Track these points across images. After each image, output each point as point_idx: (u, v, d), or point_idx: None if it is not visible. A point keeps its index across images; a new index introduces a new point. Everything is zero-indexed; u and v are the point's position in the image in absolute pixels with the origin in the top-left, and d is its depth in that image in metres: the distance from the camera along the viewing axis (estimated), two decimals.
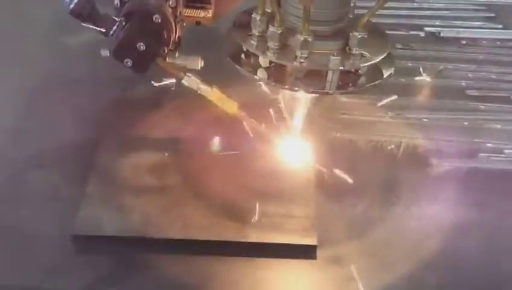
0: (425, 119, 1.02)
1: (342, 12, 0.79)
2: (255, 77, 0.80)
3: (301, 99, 0.86)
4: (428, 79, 1.09)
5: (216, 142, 0.92)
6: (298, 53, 0.77)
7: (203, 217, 0.84)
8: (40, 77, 1.08)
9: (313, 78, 0.79)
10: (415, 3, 1.27)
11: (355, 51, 0.78)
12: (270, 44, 0.78)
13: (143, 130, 0.96)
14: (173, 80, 0.87)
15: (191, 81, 0.85)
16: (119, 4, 0.84)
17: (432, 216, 0.87)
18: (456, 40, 1.19)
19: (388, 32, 1.16)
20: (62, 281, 0.79)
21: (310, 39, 0.76)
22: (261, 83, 0.87)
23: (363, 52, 0.79)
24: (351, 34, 0.78)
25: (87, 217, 0.83)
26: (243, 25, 0.82)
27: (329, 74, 0.78)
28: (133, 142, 0.94)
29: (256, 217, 0.83)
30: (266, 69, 0.80)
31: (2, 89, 1.06)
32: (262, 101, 0.92)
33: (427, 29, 1.21)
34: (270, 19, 0.79)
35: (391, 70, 0.83)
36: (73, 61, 1.12)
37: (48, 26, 1.18)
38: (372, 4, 0.78)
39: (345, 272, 0.80)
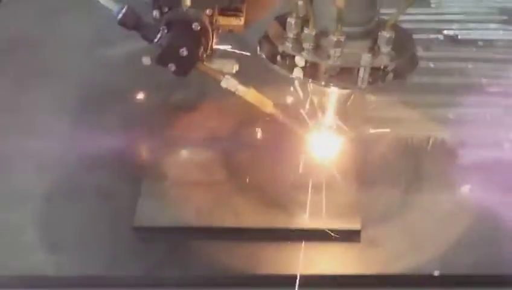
0: (450, 115, 1.09)
1: (370, 14, 0.85)
2: (292, 75, 0.86)
3: (332, 97, 0.91)
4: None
5: None
6: (331, 52, 0.83)
7: (252, 207, 0.91)
8: (83, 87, 1.15)
9: (345, 75, 0.85)
10: (432, 8, 1.35)
11: (383, 49, 0.84)
12: (305, 45, 0.84)
13: (187, 130, 1.03)
14: None
15: (229, 82, 0.91)
16: (157, 15, 0.92)
17: (463, 201, 0.94)
18: (473, 42, 1.26)
19: None
20: (125, 268, 0.86)
21: (342, 39, 0.82)
22: (296, 81, 0.92)
23: (391, 51, 0.85)
24: (379, 33, 0.84)
25: (145, 211, 0.90)
26: (278, 29, 0.88)
27: (361, 70, 0.83)
28: (180, 142, 1.00)
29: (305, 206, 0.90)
30: (302, 68, 0.86)
31: (51, 99, 1.12)
32: (296, 101, 0.97)
33: (445, 32, 1.28)
34: (303, 22, 0.85)
35: (415, 67, 0.88)
36: (113, 71, 1.19)
37: (88, 39, 1.26)
38: (391, 11, 0.84)
39: (388, 253, 0.87)
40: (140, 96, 1.11)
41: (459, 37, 1.27)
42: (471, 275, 0.85)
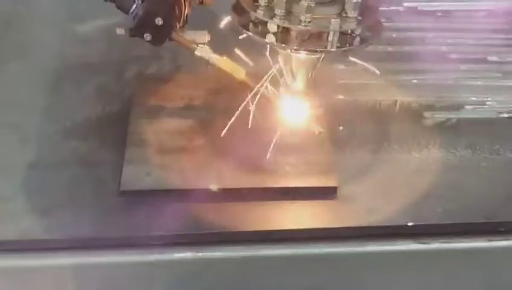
0: (414, 80, 1.15)
1: None
2: (265, 40, 0.90)
3: (303, 63, 0.96)
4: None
5: None
6: (303, 17, 0.87)
7: (233, 169, 0.95)
8: (59, 61, 1.17)
9: (315, 40, 0.90)
10: None
11: (350, 14, 0.89)
12: (277, 11, 0.88)
13: (164, 99, 1.06)
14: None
15: (203, 51, 0.96)
16: None
17: (431, 158, 0.99)
18: (432, 13, 1.32)
19: None
20: (112, 229, 0.89)
21: (312, 4, 0.86)
22: (268, 50, 0.95)
23: (357, 16, 0.90)
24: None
25: (130, 175, 0.93)
26: None
27: (330, 35, 0.89)
28: (159, 110, 1.04)
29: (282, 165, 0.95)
30: (274, 34, 0.90)
31: (28, 73, 1.14)
32: (267, 68, 1.00)
33: (405, 4, 1.33)
34: None
35: (381, 33, 0.94)
36: (88, 45, 1.21)
37: (60, 15, 1.27)
38: None
39: (363, 206, 0.92)
40: (115, 67, 1.14)
41: (419, 8, 1.33)
42: (441, 224, 0.91)
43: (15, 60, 1.17)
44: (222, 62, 0.96)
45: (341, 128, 1.04)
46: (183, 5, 0.96)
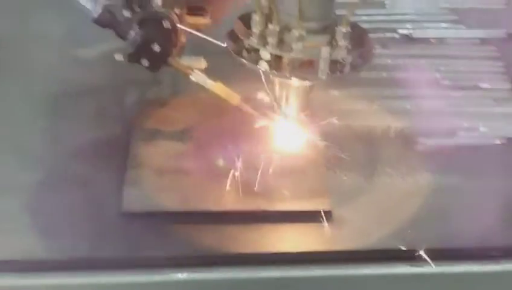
0: (408, 106, 1.17)
1: (328, 10, 0.94)
2: (258, 67, 0.93)
3: (296, 90, 0.99)
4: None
5: None
6: (294, 46, 0.91)
7: (232, 192, 0.97)
8: (61, 84, 1.19)
9: (306, 68, 0.93)
10: (387, 9, 1.43)
11: (341, 43, 0.93)
12: (269, 40, 0.92)
13: (164, 122, 1.08)
14: None
15: (198, 77, 0.99)
16: (129, 14, 0.98)
17: (423, 183, 1.02)
18: (426, 40, 1.35)
19: None
20: (111, 250, 0.91)
21: (304, 33, 0.90)
22: (263, 76, 0.98)
23: (348, 44, 0.93)
24: (336, 28, 0.93)
25: (132, 197, 0.95)
26: (243, 26, 0.95)
27: (321, 63, 0.92)
28: (159, 133, 1.06)
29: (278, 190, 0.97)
30: (266, 61, 0.93)
31: (29, 96, 1.16)
32: (261, 95, 1.03)
33: (400, 31, 1.37)
34: (266, 18, 0.92)
35: (371, 60, 0.98)
36: (88, 70, 1.23)
37: (61, 39, 1.30)
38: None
39: (356, 230, 0.94)
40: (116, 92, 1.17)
41: (413, 35, 1.36)
42: (434, 248, 0.93)
43: (16, 82, 1.19)
44: (216, 87, 0.99)
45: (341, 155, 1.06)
46: (180, 32, 0.99)
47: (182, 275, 0.89)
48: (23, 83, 1.19)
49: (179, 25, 0.97)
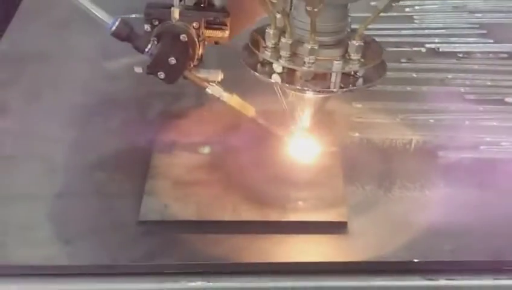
0: (431, 120, 1.17)
1: (341, 25, 0.94)
2: (270, 80, 0.95)
3: (311, 103, 1.00)
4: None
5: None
6: (306, 59, 0.92)
7: (247, 202, 0.98)
8: (89, 96, 1.23)
9: (319, 81, 0.94)
10: (415, 24, 1.44)
11: (353, 56, 0.93)
12: (282, 53, 0.93)
13: (186, 135, 1.11)
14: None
15: (214, 90, 1.00)
16: (149, 28, 1.00)
17: (442, 196, 1.02)
18: (453, 54, 1.35)
19: (393, 49, 1.35)
20: (129, 257, 0.93)
21: (316, 47, 0.91)
22: (279, 89, 1.00)
23: (361, 58, 0.94)
24: (349, 42, 0.93)
25: (149, 206, 0.98)
26: (258, 40, 0.97)
27: (333, 76, 0.93)
28: (180, 145, 1.08)
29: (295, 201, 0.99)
30: (279, 74, 0.95)
31: (60, 107, 1.20)
32: (277, 107, 1.04)
33: (427, 45, 1.37)
34: (281, 32, 0.94)
35: (384, 74, 0.98)
36: (117, 82, 1.27)
37: (92, 52, 1.34)
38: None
39: (372, 242, 0.95)
40: (141, 103, 1.20)
41: (440, 49, 1.36)
42: (448, 261, 0.93)
43: (48, 94, 1.23)
44: (232, 100, 1.00)
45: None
46: (197, 45, 1.00)
47: (195, 284, 0.91)
48: (56, 95, 1.23)
49: (196, 39, 0.99)
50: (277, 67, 0.94)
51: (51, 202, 1.01)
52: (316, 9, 0.86)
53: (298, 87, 0.93)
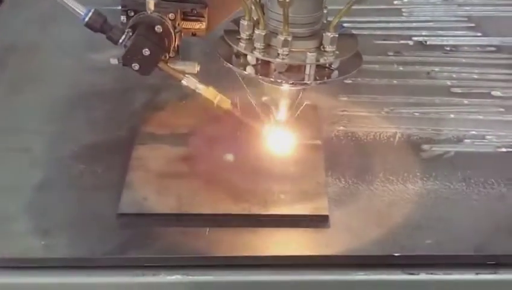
0: (416, 114, 1.16)
1: (316, 16, 0.93)
2: (244, 72, 0.94)
3: (284, 94, 0.98)
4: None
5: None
6: (280, 51, 0.91)
7: (226, 197, 0.97)
8: (73, 89, 1.22)
9: (294, 73, 0.93)
10: (403, 16, 1.43)
11: (328, 48, 0.92)
12: (256, 45, 0.92)
13: (169, 127, 1.10)
14: None
15: (189, 81, 0.98)
16: (125, 20, 0.99)
17: (425, 190, 1.01)
18: (440, 47, 1.34)
19: (380, 42, 1.35)
20: (108, 250, 0.92)
21: (289, 39, 0.90)
22: (249, 77, 0.97)
23: (335, 50, 0.93)
24: (324, 34, 0.92)
25: (129, 199, 0.97)
26: (233, 31, 0.96)
27: (307, 68, 0.92)
28: (162, 138, 1.07)
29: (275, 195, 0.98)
30: (253, 66, 0.94)
31: (42, 99, 1.19)
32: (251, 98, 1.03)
33: (414, 38, 1.36)
34: (255, 24, 0.93)
35: (359, 67, 0.96)
36: (101, 74, 1.26)
37: (78, 44, 1.33)
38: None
39: (353, 235, 0.94)
40: (126, 95, 1.19)
41: (428, 42, 1.35)
42: (429, 255, 0.92)
43: (31, 87, 1.22)
44: (208, 92, 0.98)
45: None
46: (173, 36, 0.99)
47: (174, 277, 0.90)
48: (38, 87, 1.22)
49: (172, 30, 0.97)
50: (251, 59, 0.93)
51: (30, 194, 1.00)
52: (287, 0, 0.85)
53: (272, 79, 0.93)
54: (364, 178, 1.02)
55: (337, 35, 0.91)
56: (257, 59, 0.93)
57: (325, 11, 0.94)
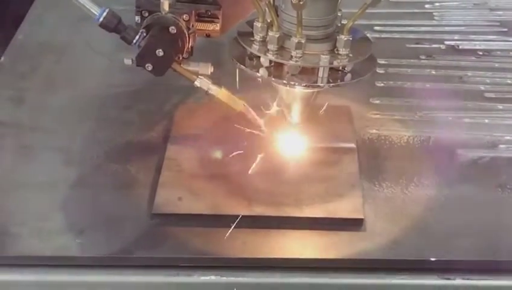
0: (450, 118, 1.16)
1: (330, 19, 0.93)
2: (257, 74, 0.94)
3: (298, 97, 0.98)
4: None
5: None
6: (293, 53, 0.90)
7: (263, 197, 0.97)
8: (107, 89, 1.23)
9: (307, 75, 0.93)
10: (435, 20, 1.42)
11: (342, 51, 0.92)
12: (270, 47, 0.92)
13: (202, 127, 1.10)
14: None
15: (202, 83, 0.98)
16: (139, 20, 0.99)
17: (460, 195, 1.00)
18: (473, 52, 1.33)
19: (412, 46, 1.34)
20: (142, 250, 0.92)
21: (303, 41, 0.90)
22: (261, 79, 0.97)
23: (349, 53, 0.92)
24: (337, 37, 0.92)
25: (163, 199, 0.97)
26: (246, 33, 0.96)
27: (320, 70, 0.92)
28: (196, 138, 1.07)
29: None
30: (267, 68, 0.94)
31: (75, 97, 1.20)
32: (265, 100, 1.03)
33: (446, 42, 1.35)
34: (269, 26, 0.93)
35: (373, 70, 0.96)
36: (134, 74, 1.25)
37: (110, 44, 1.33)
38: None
39: (389, 239, 0.93)
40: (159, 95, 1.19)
41: (460, 46, 1.34)
42: (466, 260, 0.91)
43: (65, 86, 1.23)
44: (220, 93, 0.99)
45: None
46: (187, 38, 0.99)
47: (209, 278, 0.90)
48: (73, 87, 1.23)
49: (186, 31, 0.97)
50: (264, 61, 0.93)
51: (64, 192, 1.00)
52: (301, 2, 0.85)
53: (285, 81, 0.92)
54: (398, 182, 1.02)
55: (351, 38, 0.91)
56: (270, 61, 0.92)
57: (339, 14, 0.94)
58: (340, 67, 0.93)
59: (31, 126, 1.14)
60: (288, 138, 1.03)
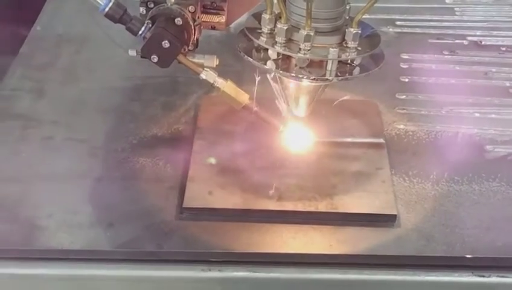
0: (476, 114, 1.15)
1: (339, 11, 0.92)
2: (265, 66, 0.93)
3: (305, 90, 0.97)
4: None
5: None
6: (302, 46, 0.89)
7: (292, 193, 0.96)
8: (129, 81, 1.21)
9: (315, 68, 0.92)
10: (456, 16, 1.41)
11: (350, 44, 0.91)
12: (278, 39, 0.91)
13: (228, 121, 1.08)
14: None
15: (208, 75, 0.97)
16: (144, 11, 0.98)
17: (491, 191, 0.99)
18: (496, 48, 1.32)
19: (434, 41, 1.33)
20: (171, 244, 0.91)
21: (311, 33, 0.88)
22: (269, 72, 0.96)
23: (357, 46, 0.91)
24: (346, 30, 0.91)
25: (194, 193, 0.96)
26: (254, 25, 0.94)
27: (329, 63, 0.90)
28: (223, 131, 1.06)
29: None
30: (274, 61, 0.93)
31: (96, 90, 1.18)
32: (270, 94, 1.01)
33: (469, 38, 1.34)
34: (277, 18, 0.92)
35: (382, 64, 0.95)
36: (157, 67, 1.24)
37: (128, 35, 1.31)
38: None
39: (421, 235, 0.92)
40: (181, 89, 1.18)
41: (483, 42, 1.33)
42: (500, 257, 0.90)
43: (85, 77, 1.21)
44: (226, 86, 0.97)
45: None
46: (193, 29, 0.97)
47: (240, 273, 0.89)
48: (95, 79, 1.21)
49: (191, 23, 0.95)
50: (272, 53, 0.91)
51: (91, 185, 0.99)
52: None
53: (293, 74, 0.91)
54: (429, 177, 1.01)
55: (359, 31, 0.90)
56: (278, 54, 0.91)
57: (347, 7, 0.93)
58: (349, 61, 0.92)
59: (52, 119, 1.12)
60: (317, 133, 1.02)
